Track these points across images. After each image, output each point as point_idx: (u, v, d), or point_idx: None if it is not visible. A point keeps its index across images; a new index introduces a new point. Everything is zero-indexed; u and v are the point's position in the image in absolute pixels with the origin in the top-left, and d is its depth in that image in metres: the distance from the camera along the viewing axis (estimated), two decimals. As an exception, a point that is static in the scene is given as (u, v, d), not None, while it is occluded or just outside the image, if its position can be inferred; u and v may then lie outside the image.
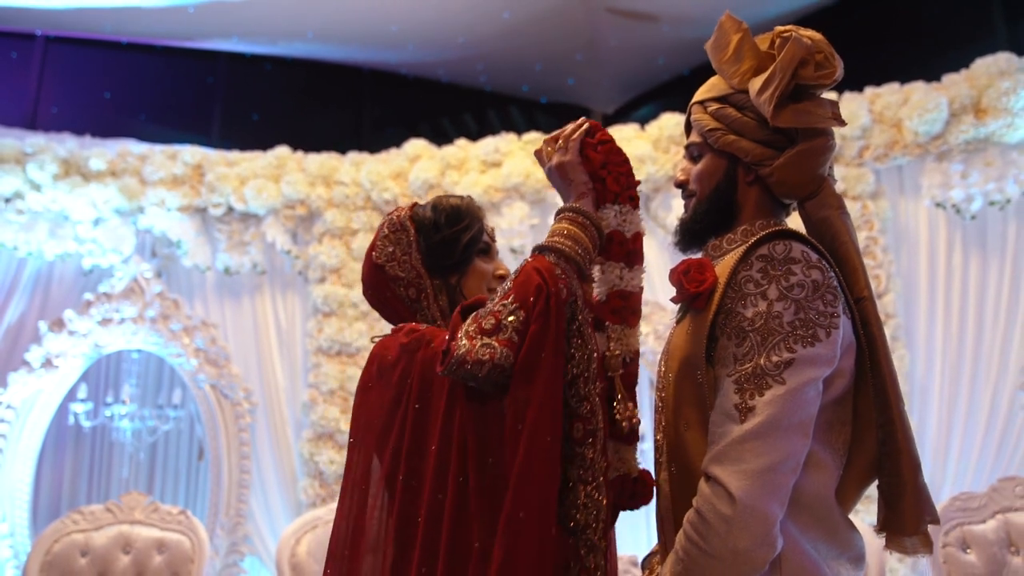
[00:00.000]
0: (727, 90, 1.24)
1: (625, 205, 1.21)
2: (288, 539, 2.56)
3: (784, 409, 1.04)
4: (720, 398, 1.09)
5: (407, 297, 1.31)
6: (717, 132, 1.23)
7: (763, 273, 1.10)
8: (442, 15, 4.77)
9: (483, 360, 1.05)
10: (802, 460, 1.07)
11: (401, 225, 1.33)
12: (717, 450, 1.06)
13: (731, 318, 1.10)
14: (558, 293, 1.09)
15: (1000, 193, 3.06)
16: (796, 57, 1.16)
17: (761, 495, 1.02)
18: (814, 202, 1.22)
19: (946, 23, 4.30)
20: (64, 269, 3.86)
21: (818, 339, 1.06)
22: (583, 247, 1.16)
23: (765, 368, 1.06)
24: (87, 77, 5.14)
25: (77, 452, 3.93)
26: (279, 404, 3.84)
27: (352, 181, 3.82)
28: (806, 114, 1.18)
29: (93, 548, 2.56)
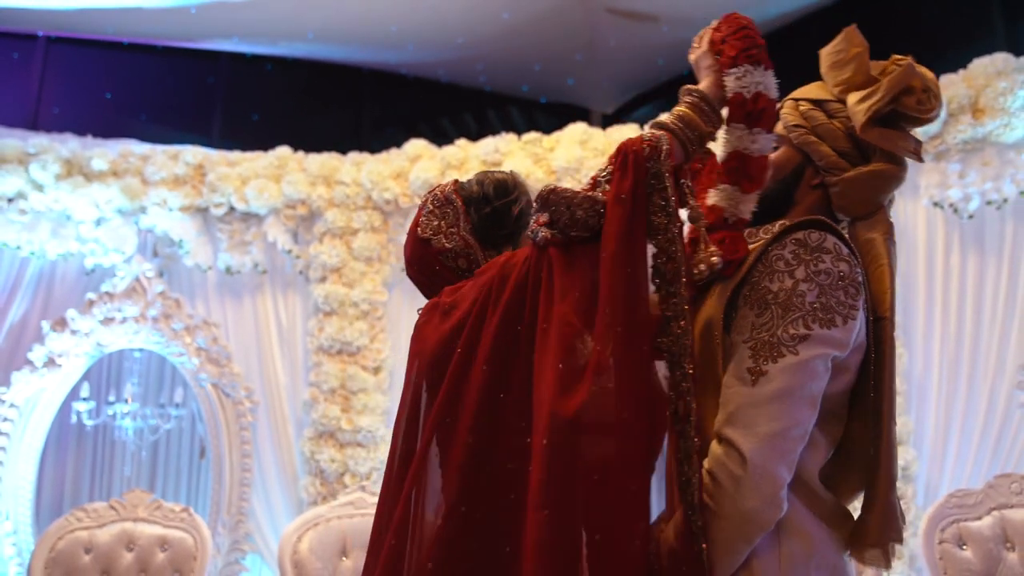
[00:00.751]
0: (824, 96, 1.30)
1: (743, 65, 1.19)
2: (290, 536, 2.58)
3: (795, 378, 1.08)
4: (734, 363, 1.13)
5: (457, 268, 1.32)
6: (800, 129, 1.28)
7: (794, 255, 1.13)
8: (442, 16, 4.78)
9: (578, 192, 1.09)
10: (810, 430, 1.11)
11: (447, 199, 1.34)
12: (729, 412, 1.10)
13: (756, 290, 1.14)
14: (639, 151, 1.10)
15: (997, 193, 3.08)
16: (904, 83, 1.21)
17: (771, 456, 1.06)
18: (865, 223, 1.26)
19: (945, 23, 4.32)
20: (66, 269, 3.88)
21: (835, 324, 1.11)
22: (691, 125, 1.16)
23: (781, 338, 1.10)
24: (88, 77, 5.16)
25: (79, 451, 3.95)
26: (280, 403, 3.86)
27: (353, 181, 3.84)
28: (890, 139, 1.23)
29: (97, 545, 2.58)
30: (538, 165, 3.63)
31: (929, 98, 1.23)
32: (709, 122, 1.18)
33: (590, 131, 3.68)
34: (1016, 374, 3.01)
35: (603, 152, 3.58)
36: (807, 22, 4.82)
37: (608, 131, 3.70)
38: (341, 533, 2.64)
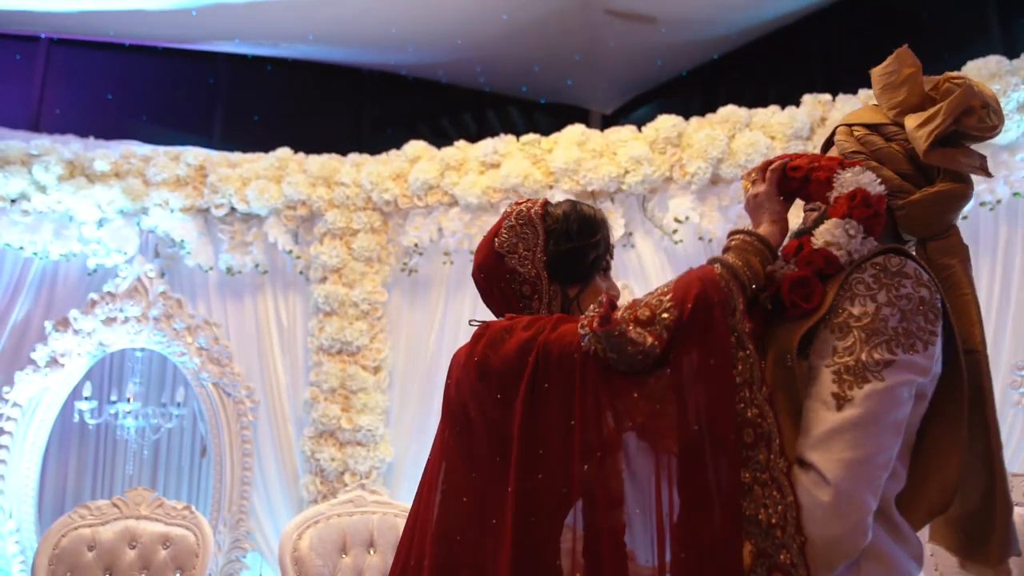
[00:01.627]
0: (878, 119, 1.28)
1: (854, 170, 1.21)
2: (290, 534, 2.61)
3: (881, 405, 1.08)
4: (816, 386, 1.12)
5: (520, 293, 1.30)
6: (859, 156, 1.27)
7: (875, 279, 1.13)
8: (441, 17, 4.81)
9: (637, 342, 1.08)
10: (893, 458, 1.10)
11: (530, 220, 1.32)
12: (814, 438, 1.09)
13: (837, 314, 1.14)
14: (721, 304, 1.11)
15: (991, 194, 3.11)
16: (964, 103, 1.19)
17: (858, 483, 1.05)
18: (938, 244, 1.25)
19: (941, 25, 4.34)
20: (69, 269, 3.92)
21: (916, 349, 1.11)
22: (753, 271, 1.18)
23: (866, 363, 1.09)
24: (90, 79, 5.19)
25: (82, 449, 3.98)
26: (281, 402, 3.89)
27: (353, 182, 3.87)
28: (954, 159, 1.21)
29: (100, 542, 2.61)
30: (536, 166, 3.66)
31: (989, 115, 1.21)
32: (765, 262, 1.20)
33: (588, 132, 3.71)
34: (1010, 373, 3.04)
35: (600, 154, 3.61)
36: (803, 24, 4.84)
37: (606, 132, 3.72)
38: (341, 531, 2.67)
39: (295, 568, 2.56)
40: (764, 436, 1.10)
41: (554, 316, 1.22)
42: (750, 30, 4.97)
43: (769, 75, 5.22)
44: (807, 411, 1.13)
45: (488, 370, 1.20)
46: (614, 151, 3.60)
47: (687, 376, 1.09)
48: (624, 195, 3.64)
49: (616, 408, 1.11)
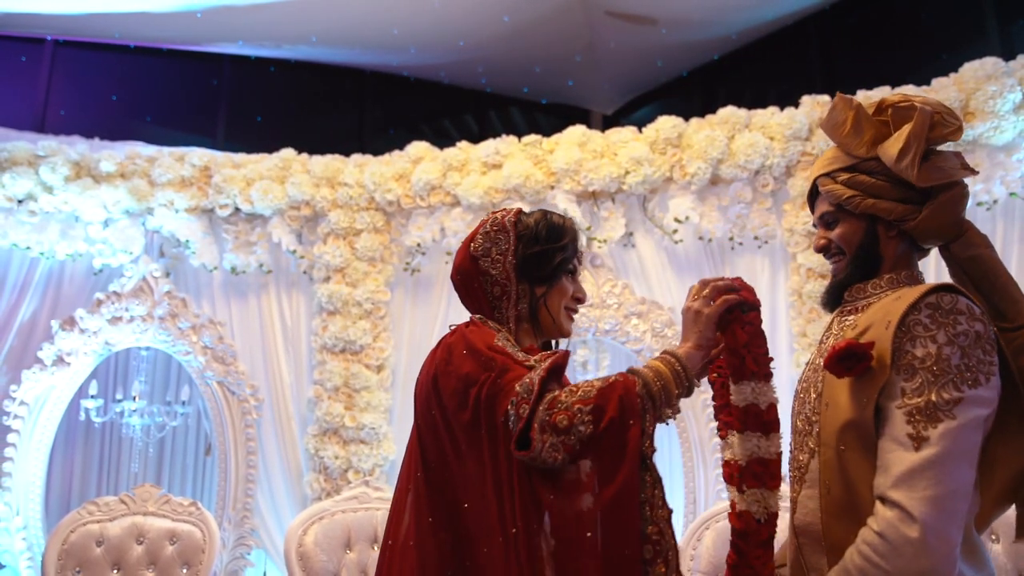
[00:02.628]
0: (852, 160, 1.36)
1: (761, 382, 1.31)
2: (295, 530, 2.65)
3: (957, 442, 1.14)
4: (889, 427, 1.19)
5: (492, 294, 1.42)
6: (856, 199, 1.34)
7: (931, 319, 1.20)
8: (443, 19, 4.85)
9: (547, 461, 1.18)
10: (971, 489, 1.17)
11: (503, 227, 1.43)
12: (894, 476, 1.16)
13: (901, 356, 1.20)
14: (638, 427, 1.20)
15: (987, 194, 3.14)
16: (926, 124, 1.29)
17: (943, 518, 1.12)
18: (959, 243, 1.33)
19: (938, 27, 4.37)
20: (75, 269, 3.95)
21: (980, 383, 1.18)
22: (668, 392, 1.26)
23: (937, 403, 1.16)
24: (94, 80, 5.23)
25: (87, 447, 4.02)
26: (285, 400, 3.93)
27: (356, 182, 3.90)
28: (941, 170, 1.30)
29: (108, 538, 2.65)
30: (538, 167, 3.69)
31: (946, 119, 1.31)
32: (681, 391, 1.28)
33: (589, 133, 3.74)
34: (1006, 372, 3.08)
35: (601, 154, 3.64)
36: (801, 26, 4.88)
37: (607, 133, 3.75)
38: (345, 527, 2.71)
39: (300, 563, 2.59)
40: (662, 552, 1.21)
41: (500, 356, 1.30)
42: (750, 31, 5.01)
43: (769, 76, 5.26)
44: (883, 451, 1.19)
45: (437, 383, 1.32)
46: (615, 152, 3.63)
47: (595, 488, 1.18)
48: (625, 195, 3.67)
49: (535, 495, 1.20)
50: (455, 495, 1.28)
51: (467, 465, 1.26)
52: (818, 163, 1.42)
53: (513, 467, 1.21)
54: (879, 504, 1.17)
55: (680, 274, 3.64)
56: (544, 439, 1.17)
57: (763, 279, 3.52)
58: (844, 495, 1.24)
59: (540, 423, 1.19)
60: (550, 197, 3.67)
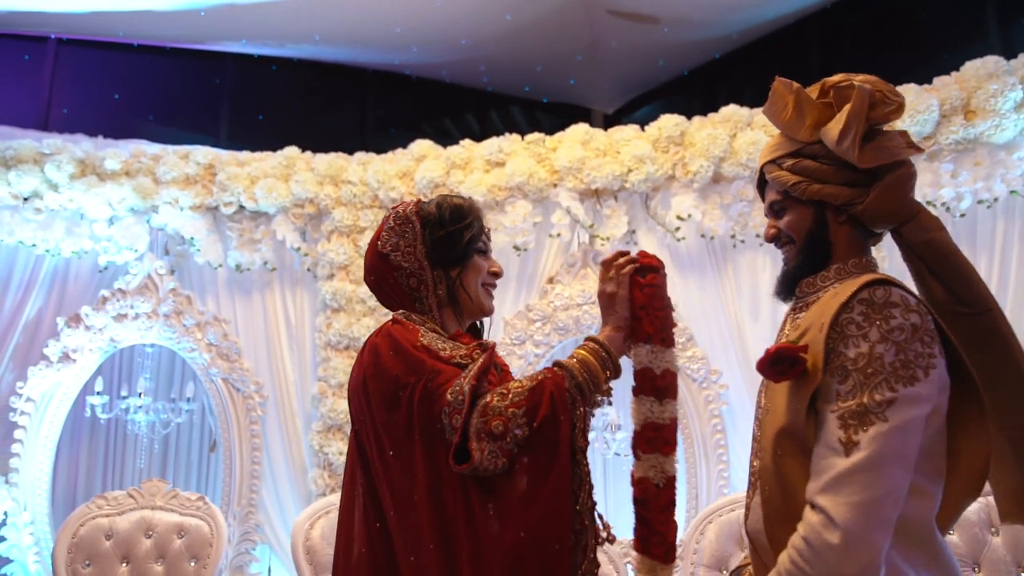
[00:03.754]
0: (795, 145, 1.33)
1: (657, 345, 1.31)
2: (303, 524, 2.67)
3: (887, 445, 1.11)
4: (823, 432, 1.17)
5: (408, 286, 1.41)
6: (801, 185, 1.31)
7: (864, 316, 1.17)
8: (445, 17, 4.86)
9: (488, 469, 1.20)
10: (904, 493, 1.14)
11: (407, 219, 1.43)
12: (823, 482, 1.14)
13: (834, 357, 1.17)
14: (569, 423, 1.23)
15: (988, 192, 3.16)
16: (866, 103, 1.25)
17: (867, 526, 1.09)
18: (911, 226, 1.29)
19: (939, 26, 4.39)
20: (80, 266, 3.97)
21: (917, 379, 1.14)
22: (595, 379, 1.29)
23: (868, 406, 1.13)
24: (97, 79, 5.24)
25: (93, 444, 4.04)
26: (289, 397, 3.95)
27: (359, 180, 3.92)
28: (885, 150, 1.27)
29: (117, 531, 2.67)
30: (541, 165, 3.71)
31: (886, 96, 1.27)
32: (607, 375, 1.31)
33: (592, 131, 3.76)
34: (1006, 368, 3.10)
35: (604, 152, 3.67)
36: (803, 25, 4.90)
37: (609, 131, 3.78)
38: (352, 521, 2.73)
39: (307, 557, 2.62)
40: (582, 542, 1.24)
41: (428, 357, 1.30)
42: (751, 30, 5.02)
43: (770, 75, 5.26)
44: (816, 457, 1.17)
45: (367, 387, 1.32)
46: (617, 150, 3.66)
47: (529, 486, 1.20)
48: (627, 193, 3.70)
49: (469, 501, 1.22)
50: (383, 502, 1.29)
51: (392, 471, 1.27)
52: (764, 150, 1.38)
53: (453, 473, 1.22)
54: (807, 509, 1.16)
55: (683, 272, 3.67)
56: (482, 447, 1.19)
57: (765, 277, 3.55)
58: (782, 501, 1.22)
59: (476, 432, 1.20)
60: (553, 195, 3.69)
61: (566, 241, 3.76)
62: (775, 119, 1.35)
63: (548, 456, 1.20)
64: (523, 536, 1.17)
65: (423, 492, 1.23)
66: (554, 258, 3.78)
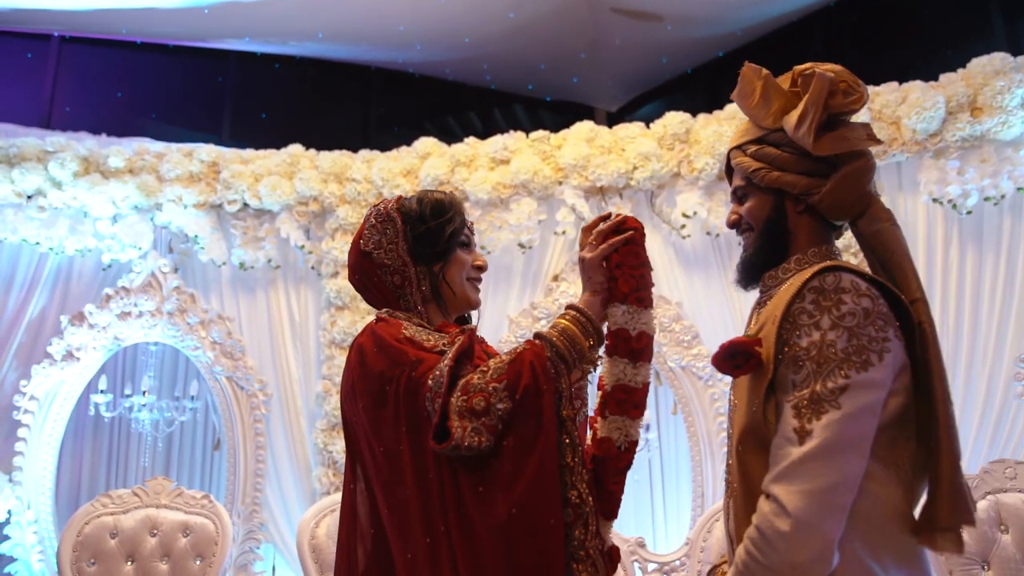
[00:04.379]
0: (761, 131, 1.33)
1: (633, 305, 1.29)
2: (308, 522, 2.66)
3: (840, 432, 1.10)
4: (780, 423, 1.16)
5: (392, 283, 1.40)
6: (761, 171, 1.31)
7: (815, 304, 1.16)
8: (448, 16, 4.85)
9: (472, 447, 1.16)
10: (859, 480, 1.13)
11: (388, 216, 1.42)
12: (777, 471, 1.13)
13: (788, 348, 1.17)
14: (551, 392, 1.20)
15: (995, 189, 3.15)
16: (824, 90, 1.24)
17: (818, 513, 1.09)
18: (865, 218, 1.29)
19: (944, 23, 4.37)
20: (84, 264, 3.96)
21: (871, 364, 1.13)
22: (577, 347, 1.26)
23: (821, 394, 1.12)
24: (100, 77, 5.23)
25: (97, 442, 4.04)
26: (293, 395, 3.94)
27: (364, 178, 3.91)
28: (843, 140, 1.26)
29: (122, 530, 2.67)
30: (546, 162, 3.71)
31: (850, 87, 1.26)
32: (589, 341, 1.28)
33: (597, 129, 3.75)
34: (1013, 365, 3.09)
35: (609, 150, 3.65)
36: (807, 22, 4.88)
37: (614, 129, 3.77)
38: (357, 519, 2.72)
39: (313, 555, 2.61)
40: (581, 516, 1.20)
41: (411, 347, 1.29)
42: (754, 28, 5.01)
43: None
44: (773, 448, 1.17)
45: (355, 388, 1.30)
46: (623, 147, 3.65)
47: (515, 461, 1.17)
48: (632, 191, 3.69)
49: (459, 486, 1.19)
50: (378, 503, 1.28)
51: (383, 472, 1.26)
52: (734, 135, 1.39)
53: (441, 460, 1.20)
54: (761, 499, 1.15)
55: (688, 269, 3.66)
56: (464, 425, 1.16)
57: (770, 274, 3.54)
58: (744, 500, 1.22)
59: (458, 411, 1.17)
60: (558, 192, 3.68)
61: (571, 239, 3.75)
62: (742, 104, 1.35)
63: (533, 428, 1.17)
64: (515, 512, 1.14)
65: (411, 485, 1.21)
66: (559, 256, 3.77)
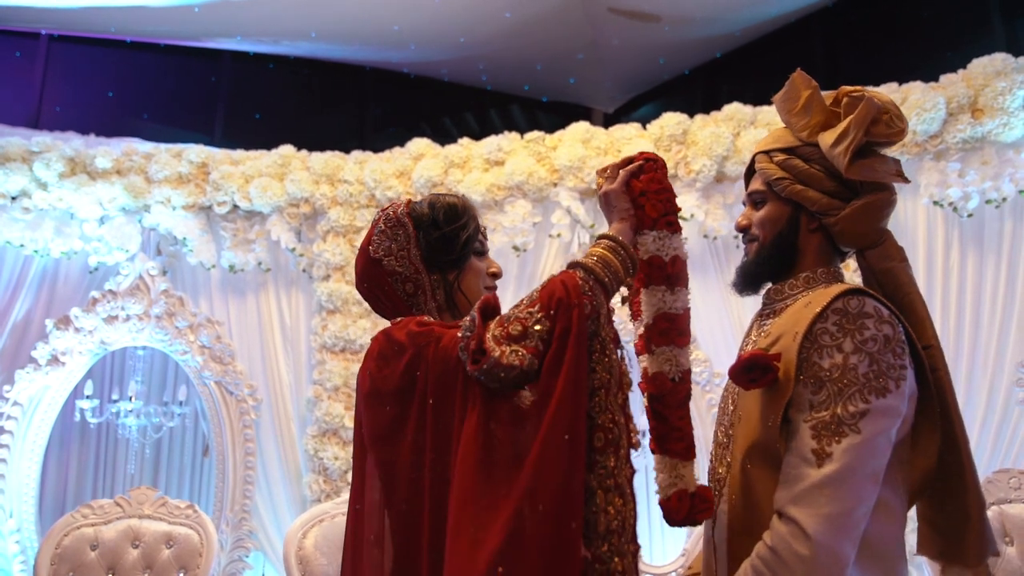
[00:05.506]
0: (794, 142, 1.31)
1: (663, 231, 1.25)
2: (295, 533, 2.60)
3: (860, 457, 1.11)
4: (795, 442, 1.16)
5: (404, 292, 1.33)
6: (784, 181, 1.30)
7: (838, 327, 1.16)
8: (444, 15, 4.80)
9: (514, 365, 1.09)
10: (872, 505, 1.13)
11: (398, 221, 1.35)
12: (795, 492, 1.13)
13: (808, 367, 1.17)
14: (581, 307, 1.13)
15: (996, 191, 3.10)
16: (870, 115, 1.23)
17: (837, 537, 1.09)
18: (876, 252, 1.29)
19: (944, 24, 4.33)
20: (70, 267, 3.89)
21: (889, 390, 1.13)
22: (612, 270, 1.20)
23: (842, 417, 1.12)
24: (90, 76, 5.17)
25: (83, 449, 3.96)
26: (284, 401, 3.87)
27: (356, 179, 3.85)
28: (873, 170, 1.25)
29: (103, 541, 2.59)
30: (541, 164, 3.65)
31: (893, 119, 1.26)
32: (625, 265, 1.22)
33: (592, 130, 3.70)
34: (1015, 371, 3.03)
35: (605, 151, 3.60)
36: (807, 22, 4.83)
37: (611, 130, 3.71)
38: (346, 529, 2.66)
39: (300, 567, 2.54)
40: (613, 442, 1.13)
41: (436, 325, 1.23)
42: (753, 28, 4.96)
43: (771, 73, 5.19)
44: (788, 466, 1.16)
45: (379, 390, 1.23)
46: (619, 148, 3.59)
47: (547, 378, 1.09)
48: (628, 193, 3.63)
49: (489, 428, 1.11)
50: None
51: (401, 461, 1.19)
52: (763, 139, 1.37)
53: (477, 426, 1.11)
54: (775, 519, 1.15)
55: (684, 273, 3.60)
56: (502, 349, 1.09)
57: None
58: (745, 513, 1.22)
59: (495, 337, 1.11)
60: (553, 194, 3.62)
61: (566, 241, 3.69)
62: (783, 108, 1.33)
63: (562, 342, 1.10)
64: (543, 435, 1.06)
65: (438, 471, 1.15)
66: (554, 258, 3.71)
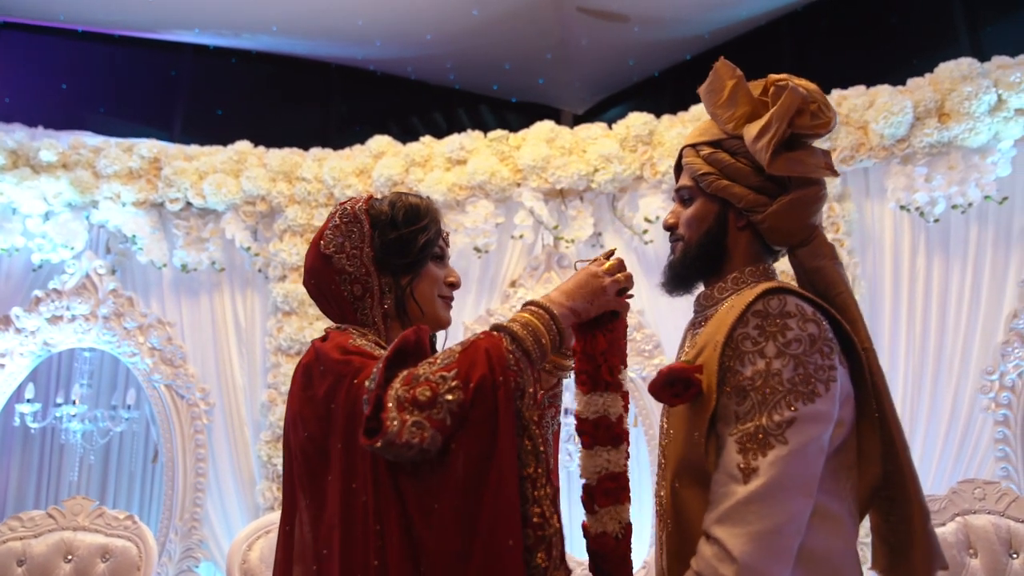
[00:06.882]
0: (720, 135, 1.23)
1: (612, 394, 1.22)
2: (239, 544, 2.48)
3: (787, 470, 1.03)
4: (722, 458, 1.08)
5: (351, 293, 1.23)
6: (710, 177, 1.22)
7: (759, 330, 1.09)
8: (409, 10, 4.70)
9: (412, 444, 0.96)
10: (805, 520, 1.06)
11: (355, 217, 1.26)
12: (720, 511, 1.05)
13: (731, 377, 1.09)
14: (507, 385, 1.02)
15: (962, 197, 3.08)
16: (793, 106, 1.15)
17: (764, 557, 1.02)
18: (806, 250, 1.22)
19: (911, 28, 4.34)
20: (11, 264, 3.72)
21: (817, 394, 1.06)
22: (541, 346, 1.11)
23: (767, 428, 1.05)
24: (42, 66, 4.97)
25: (24, 455, 3.79)
26: (237, 405, 3.74)
27: (314, 177, 3.74)
28: (800, 163, 1.17)
29: (31, 556, 2.45)
30: (504, 163, 3.56)
31: (820, 109, 1.19)
32: (554, 341, 1.14)
33: (557, 129, 3.63)
34: (980, 377, 3.01)
35: (570, 151, 3.52)
36: (775, 25, 4.82)
37: (576, 129, 3.64)
38: (294, 541, 2.54)
39: (244, 581, 2.42)
40: (544, 540, 1.03)
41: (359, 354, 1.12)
42: (722, 31, 4.93)
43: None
44: (715, 484, 1.08)
45: (302, 413, 1.14)
46: (584, 148, 3.52)
47: (467, 471, 0.99)
48: (594, 194, 3.56)
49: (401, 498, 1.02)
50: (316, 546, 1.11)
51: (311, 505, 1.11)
52: (691, 132, 1.30)
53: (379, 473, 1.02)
54: (702, 541, 1.07)
55: (650, 275, 3.53)
56: (404, 418, 0.95)
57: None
58: (678, 537, 1.15)
59: (397, 401, 0.97)
60: (516, 195, 3.54)
61: (529, 243, 3.61)
62: (707, 100, 1.25)
63: (490, 426, 0.99)
64: (476, 537, 0.97)
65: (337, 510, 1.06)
66: (517, 261, 3.62)
